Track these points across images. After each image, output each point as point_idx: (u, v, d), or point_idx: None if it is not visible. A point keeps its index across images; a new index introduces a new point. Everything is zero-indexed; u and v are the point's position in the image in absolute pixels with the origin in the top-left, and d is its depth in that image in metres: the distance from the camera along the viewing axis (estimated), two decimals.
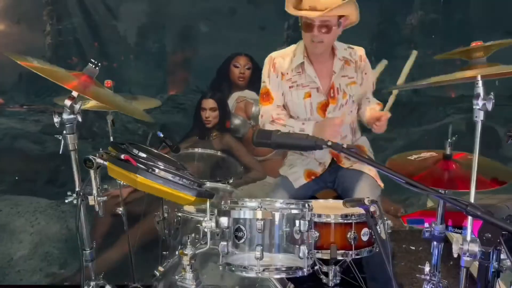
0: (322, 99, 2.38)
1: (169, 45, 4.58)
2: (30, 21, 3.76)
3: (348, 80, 2.40)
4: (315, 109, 2.39)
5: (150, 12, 4.29)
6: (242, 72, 3.51)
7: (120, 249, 2.87)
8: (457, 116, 4.42)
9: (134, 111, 1.93)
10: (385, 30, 4.69)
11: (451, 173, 1.70)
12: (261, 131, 1.65)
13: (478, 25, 4.40)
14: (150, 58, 4.51)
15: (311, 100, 2.38)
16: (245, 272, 1.69)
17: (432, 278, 1.79)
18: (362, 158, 1.48)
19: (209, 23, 4.29)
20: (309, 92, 2.38)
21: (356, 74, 2.42)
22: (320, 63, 2.37)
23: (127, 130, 4.20)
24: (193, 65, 4.51)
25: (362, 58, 2.44)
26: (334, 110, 2.39)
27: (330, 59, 2.38)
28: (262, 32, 4.33)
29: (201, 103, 3.27)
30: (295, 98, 2.39)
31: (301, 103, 2.38)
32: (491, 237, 1.33)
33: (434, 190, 1.37)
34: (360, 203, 1.59)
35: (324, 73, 2.38)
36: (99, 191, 1.84)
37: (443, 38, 4.09)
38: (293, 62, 2.37)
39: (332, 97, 2.37)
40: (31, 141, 4.13)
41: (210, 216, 1.74)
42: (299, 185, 2.42)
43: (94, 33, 3.95)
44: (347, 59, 2.39)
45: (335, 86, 2.38)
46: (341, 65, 2.38)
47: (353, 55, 2.42)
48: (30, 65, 1.68)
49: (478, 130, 1.43)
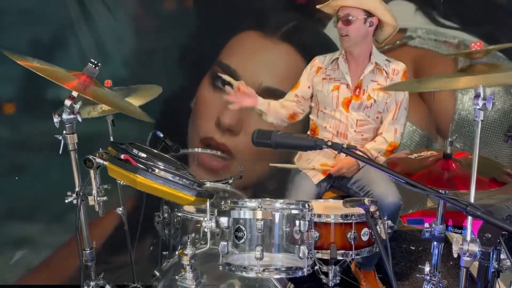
0: (348, 95, 2.50)
1: None
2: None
3: (376, 85, 2.48)
4: (340, 102, 2.51)
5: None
6: None
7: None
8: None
9: (134, 111, 1.93)
10: None
11: (451, 173, 1.70)
12: (261, 131, 1.64)
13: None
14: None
15: (338, 94, 2.51)
16: (245, 272, 1.69)
17: (432, 278, 1.79)
18: (362, 158, 1.48)
19: None
20: (338, 86, 2.52)
21: (386, 83, 2.48)
22: (355, 63, 2.51)
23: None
24: None
25: (395, 72, 2.49)
26: (358, 108, 2.49)
27: (365, 62, 2.50)
28: None
29: None
30: (325, 89, 2.54)
31: (329, 94, 2.52)
32: (491, 237, 1.33)
33: (434, 190, 1.37)
34: (360, 203, 1.59)
35: (356, 73, 2.51)
36: (99, 191, 1.84)
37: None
38: (331, 58, 2.55)
39: (357, 95, 2.48)
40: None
41: (210, 216, 1.74)
42: (317, 181, 2.50)
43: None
44: (380, 67, 2.48)
45: (362, 86, 2.49)
46: (372, 68, 2.47)
47: (387, 66, 2.50)
48: (30, 65, 1.67)
49: (478, 130, 1.43)
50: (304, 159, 2.62)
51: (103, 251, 2.89)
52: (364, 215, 1.62)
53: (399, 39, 3.27)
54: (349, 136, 2.53)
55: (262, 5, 3.21)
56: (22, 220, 3.29)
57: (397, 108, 2.50)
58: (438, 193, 1.41)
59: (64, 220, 2.99)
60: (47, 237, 3.24)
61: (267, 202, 1.72)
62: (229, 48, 3.23)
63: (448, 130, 2.51)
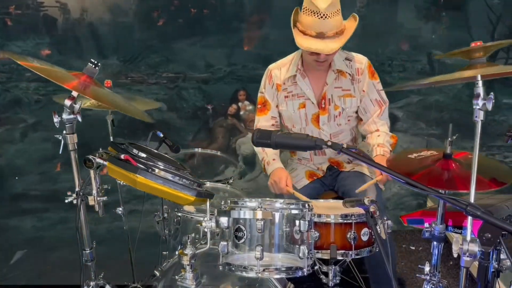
0: (316, 110, 2.38)
1: None
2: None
3: (342, 92, 2.35)
4: (309, 120, 2.40)
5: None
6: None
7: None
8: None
9: (134, 111, 1.93)
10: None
11: (450, 173, 1.70)
12: (261, 131, 1.64)
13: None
14: None
15: (305, 111, 2.39)
16: (245, 272, 1.69)
17: (432, 278, 1.78)
18: (362, 158, 1.48)
19: None
20: (303, 103, 2.39)
21: (352, 86, 2.36)
22: (315, 76, 2.36)
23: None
24: None
25: (360, 71, 2.34)
26: (328, 121, 2.38)
27: (325, 70, 2.35)
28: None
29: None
30: (290, 108, 2.40)
31: (296, 113, 2.40)
32: (491, 237, 1.33)
33: (434, 190, 1.37)
34: (360, 203, 1.59)
35: (318, 84, 2.37)
36: (99, 191, 1.84)
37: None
38: (287, 73, 2.38)
39: (323, 108, 2.37)
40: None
41: (210, 216, 1.74)
42: (301, 186, 2.44)
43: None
44: (343, 71, 2.34)
45: (326, 97, 2.36)
46: (335, 76, 2.35)
47: (349, 66, 2.35)
48: (29, 65, 1.67)
49: (478, 130, 1.42)
50: (289, 169, 2.53)
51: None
52: (364, 215, 1.62)
53: None
54: (327, 152, 2.48)
55: None
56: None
57: (379, 105, 2.38)
58: (438, 193, 1.41)
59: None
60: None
61: (267, 202, 1.72)
62: None
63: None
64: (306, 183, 2.46)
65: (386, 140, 2.35)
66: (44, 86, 3.28)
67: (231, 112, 3.51)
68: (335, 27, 2.11)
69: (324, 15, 2.07)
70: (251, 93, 3.45)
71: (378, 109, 2.38)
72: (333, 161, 2.53)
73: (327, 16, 2.07)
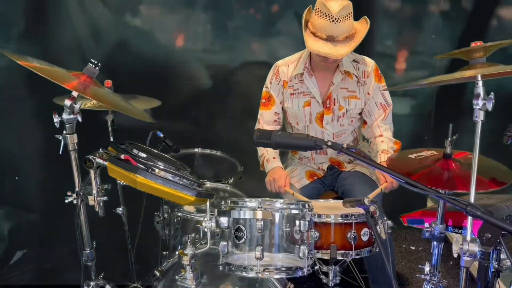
0: (320, 109, 2.39)
1: None
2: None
3: (347, 93, 2.36)
4: (314, 118, 2.41)
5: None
6: None
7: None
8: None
9: (134, 111, 1.93)
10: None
11: (450, 173, 1.70)
12: (261, 131, 1.65)
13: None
14: None
15: (310, 109, 2.40)
16: (245, 272, 1.69)
17: (432, 278, 1.78)
18: (362, 158, 1.48)
19: None
20: (308, 101, 2.39)
21: (358, 88, 2.37)
22: (322, 76, 2.37)
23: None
24: None
25: (366, 74, 2.35)
26: (332, 121, 2.39)
27: (333, 70, 2.35)
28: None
29: None
30: (295, 105, 2.41)
31: (301, 111, 2.40)
32: (491, 237, 1.33)
33: (434, 190, 1.37)
34: (360, 203, 1.59)
35: (324, 83, 2.37)
36: (99, 191, 1.84)
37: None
38: (295, 71, 2.38)
39: (328, 107, 2.37)
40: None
41: (210, 216, 1.74)
42: (301, 186, 2.44)
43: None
44: (350, 72, 2.35)
45: (332, 97, 2.36)
46: (342, 77, 2.36)
47: (356, 68, 2.36)
48: (29, 65, 1.67)
49: (478, 130, 1.42)
50: (289, 170, 2.53)
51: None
52: (364, 215, 1.62)
53: None
54: (328, 151, 2.48)
55: None
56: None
57: (383, 108, 2.39)
58: (438, 193, 1.41)
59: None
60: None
61: (267, 202, 1.73)
62: None
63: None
64: (307, 183, 2.47)
65: (390, 146, 2.37)
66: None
67: None
68: (346, 32, 2.12)
69: (336, 19, 2.07)
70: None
71: (382, 113, 2.40)
72: (334, 160, 2.53)
73: (338, 20, 2.08)
